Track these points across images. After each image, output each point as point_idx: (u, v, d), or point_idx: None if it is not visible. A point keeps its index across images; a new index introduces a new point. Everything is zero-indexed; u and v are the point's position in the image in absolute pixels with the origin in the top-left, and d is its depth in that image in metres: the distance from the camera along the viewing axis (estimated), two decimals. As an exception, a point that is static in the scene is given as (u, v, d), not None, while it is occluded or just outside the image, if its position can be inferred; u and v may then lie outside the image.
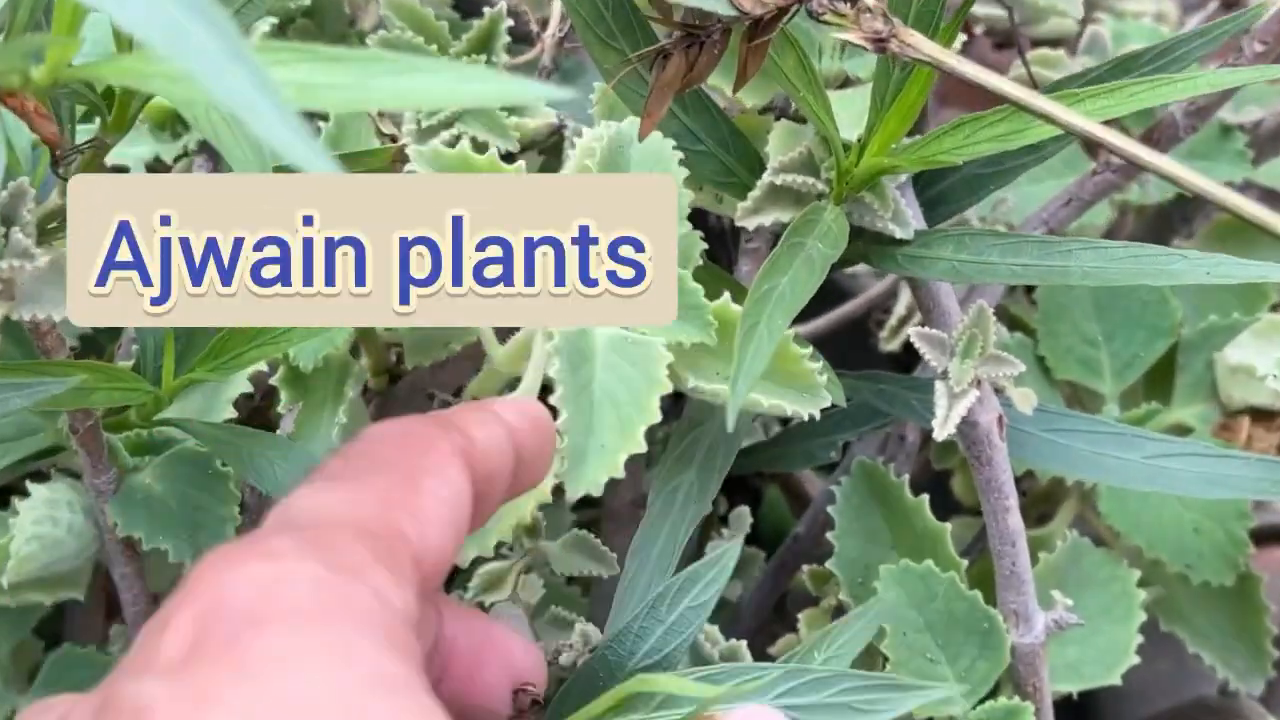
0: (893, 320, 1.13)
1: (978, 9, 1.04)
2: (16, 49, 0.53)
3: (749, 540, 1.09)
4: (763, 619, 1.04)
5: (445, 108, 0.70)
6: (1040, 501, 1.06)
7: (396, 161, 0.79)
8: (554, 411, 0.70)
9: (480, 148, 0.87)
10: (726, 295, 0.77)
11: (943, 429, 0.80)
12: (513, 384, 0.78)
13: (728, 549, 0.73)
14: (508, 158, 0.90)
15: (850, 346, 1.17)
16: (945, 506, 1.03)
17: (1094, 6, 1.12)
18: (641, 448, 0.71)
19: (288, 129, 0.44)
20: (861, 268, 1.21)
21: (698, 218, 0.95)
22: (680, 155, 0.78)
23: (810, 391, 0.77)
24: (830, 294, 1.20)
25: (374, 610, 0.52)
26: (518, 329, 0.78)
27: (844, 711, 0.67)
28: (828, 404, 0.77)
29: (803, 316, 1.15)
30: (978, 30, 1.13)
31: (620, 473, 0.71)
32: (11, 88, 0.57)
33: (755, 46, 0.68)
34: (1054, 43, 1.09)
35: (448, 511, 0.59)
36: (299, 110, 0.46)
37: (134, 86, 0.56)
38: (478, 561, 0.81)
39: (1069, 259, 0.77)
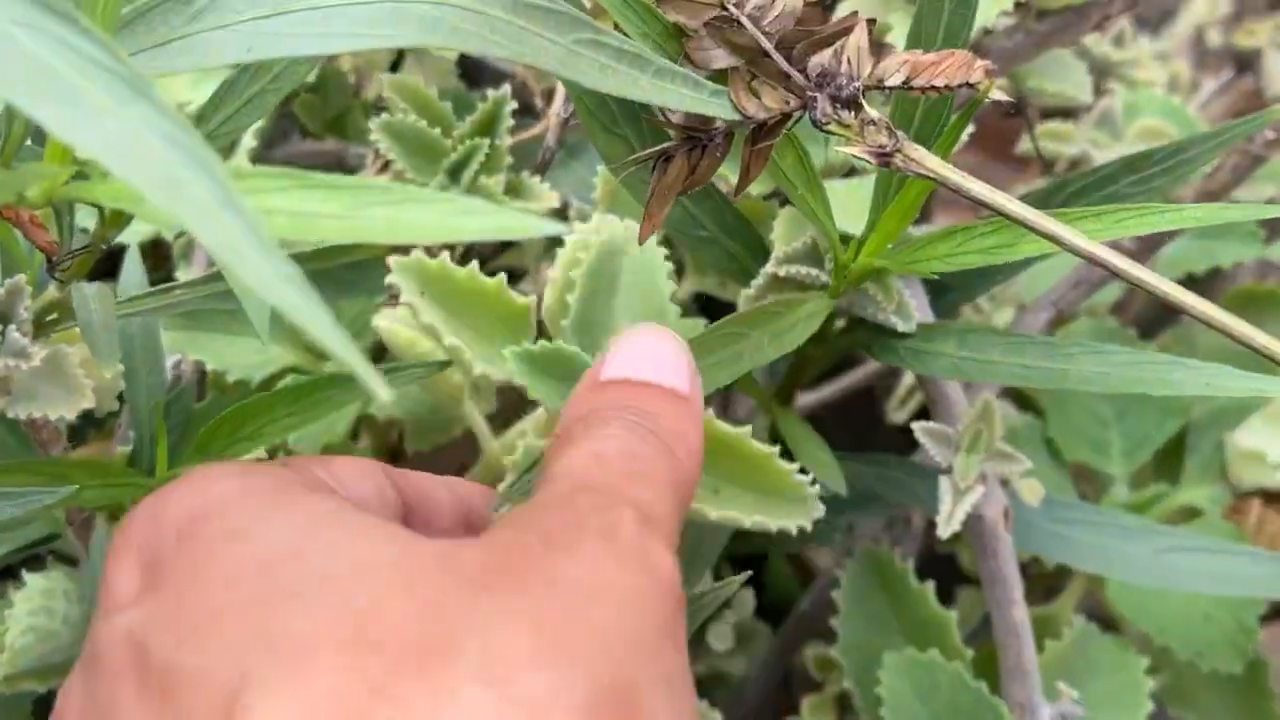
0: (900, 390, 1.13)
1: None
2: (10, 181, 0.53)
3: (755, 614, 1.10)
4: (766, 696, 1.03)
5: (444, 241, 0.71)
6: (1048, 578, 1.06)
7: (394, 251, 0.80)
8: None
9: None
10: (712, 415, 0.77)
11: (947, 526, 0.80)
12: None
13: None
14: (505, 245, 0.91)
15: (858, 414, 1.17)
16: (952, 580, 1.03)
17: (1105, 74, 1.12)
18: None
19: (278, 279, 0.44)
20: None
21: (701, 301, 0.96)
22: (669, 268, 0.79)
23: (799, 502, 0.77)
24: (839, 362, 1.21)
25: (292, 475, 0.57)
26: (511, 421, 0.79)
27: None
28: (818, 515, 0.77)
29: (810, 385, 1.19)
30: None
31: None
32: (8, 203, 0.58)
33: (758, 150, 0.68)
34: (1065, 113, 1.09)
35: None
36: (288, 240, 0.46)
37: (127, 210, 0.56)
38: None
39: (1070, 362, 0.76)
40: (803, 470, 0.77)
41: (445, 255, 0.76)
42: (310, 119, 0.96)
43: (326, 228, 0.52)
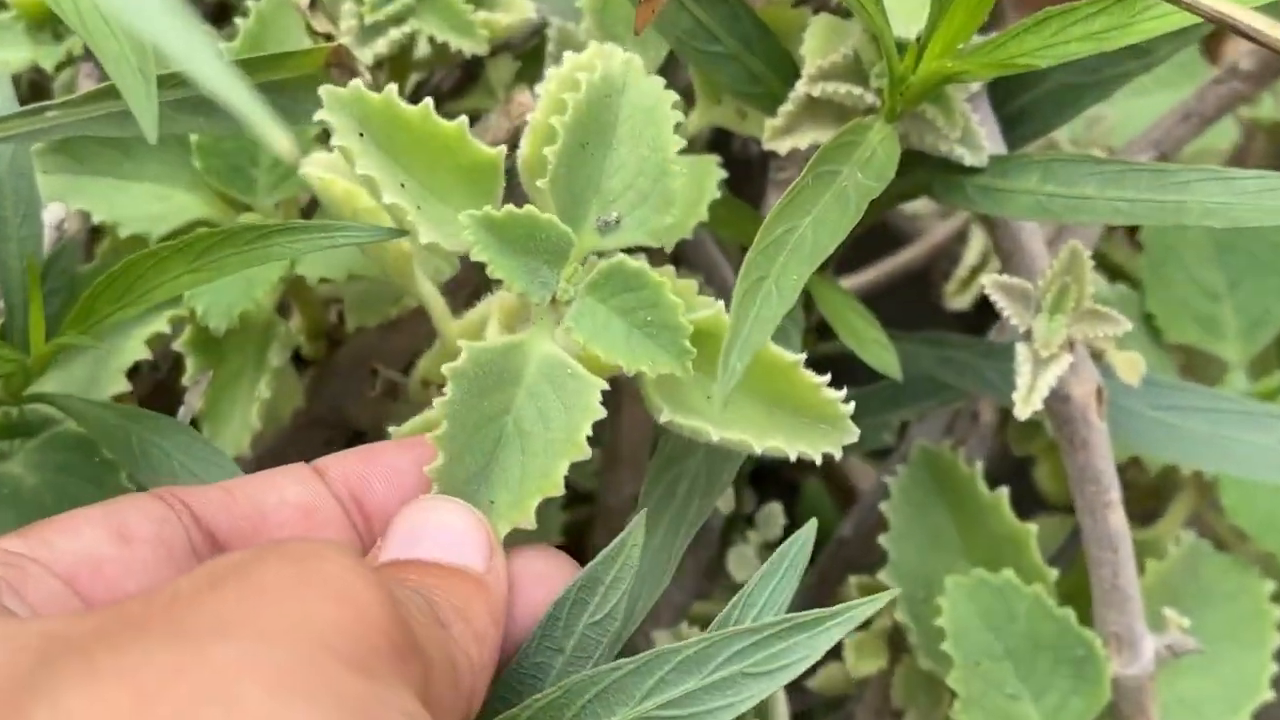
0: (962, 270, 1.10)
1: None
2: None
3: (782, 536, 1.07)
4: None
5: None
6: (1148, 496, 1.03)
7: (330, 66, 0.74)
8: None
9: (440, 50, 0.83)
10: (720, 306, 0.71)
11: (1026, 405, 0.76)
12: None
13: (624, 538, 0.68)
14: (474, 62, 0.86)
15: (910, 302, 1.14)
16: (1029, 502, 1.00)
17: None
18: (532, 523, 0.66)
19: (172, 22, 0.39)
20: (923, 204, 1.19)
21: (717, 140, 0.91)
22: (679, 116, 0.73)
23: (829, 421, 0.71)
24: (884, 237, 1.18)
25: None
26: (473, 299, 0.74)
27: (740, 683, 0.64)
28: (854, 438, 0.71)
29: (848, 266, 1.15)
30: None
31: (498, 535, 0.66)
32: None
33: (783, -87, 0.63)
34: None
35: None
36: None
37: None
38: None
39: (1185, 192, 0.72)
40: (835, 383, 0.71)
41: (392, 88, 0.70)
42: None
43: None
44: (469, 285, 0.83)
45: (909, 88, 0.73)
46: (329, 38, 0.80)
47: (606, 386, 0.67)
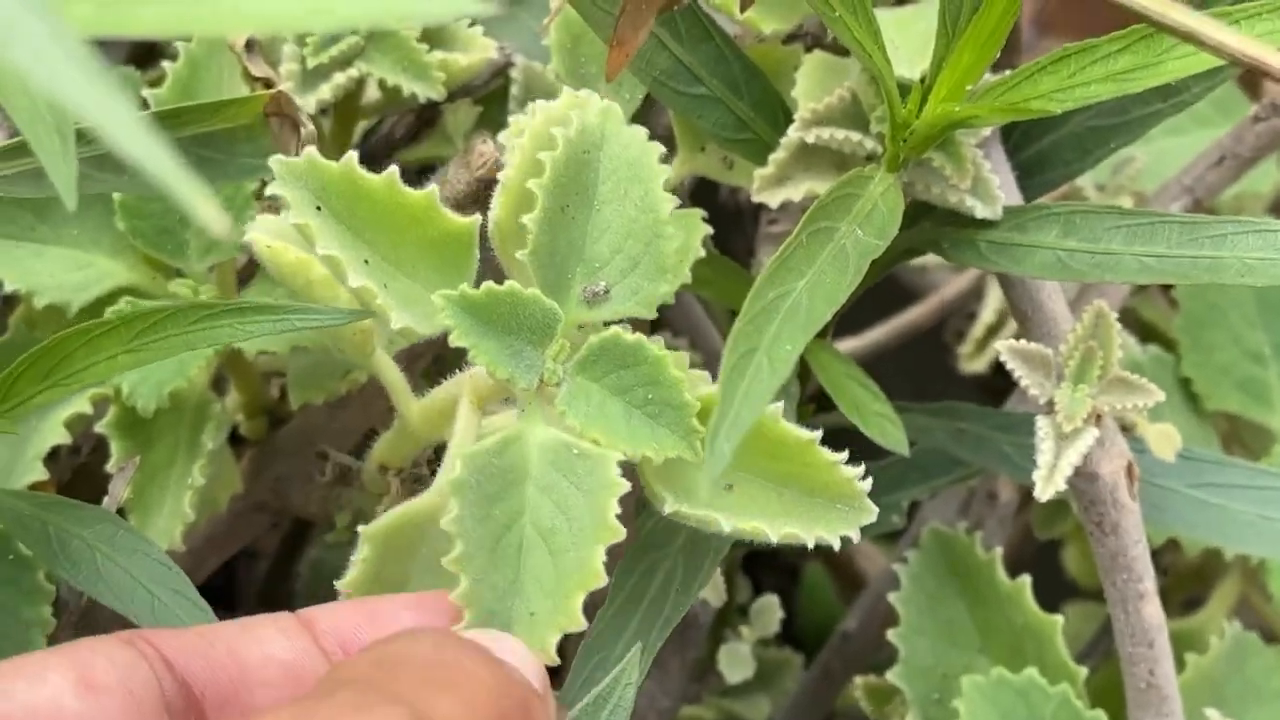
0: (978, 329, 1.11)
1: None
2: None
3: (781, 638, 1.07)
4: (802, 748, 1.01)
5: (314, 30, 0.66)
6: (1189, 581, 1.04)
7: (270, 115, 0.75)
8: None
9: (391, 94, 0.84)
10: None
11: (1048, 485, 0.77)
12: (437, 451, 0.75)
13: (618, 675, 0.69)
14: (430, 107, 0.87)
15: (920, 365, 1.15)
16: (1055, 590, 1.01)
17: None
18: (580, 624, 0.67)
19: (56, 52, 0.40)
20: (932, 258, 1.20)
21: (700, 188, 0.92)
22: (667, 171, 0.74)
23: (846, 501, 0.72)
24: (891, 293, 1.18)
25: None
26: (436, 372, 0.75)
27: None
28: (871, 518, 0.72)
29: (851, 326, 1.16)
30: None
31: (552, 659, 0.66)
32: None
33: (770, -55, 0.65)
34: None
35: None
36: (99, 37, 0.43)
37: None
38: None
39: (1222, 247, 0.73)
40: (852, 459, 0.72)
41: (352, 156, 0.71)
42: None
43: (145, 18, 0.48)
44: (428, 355, 0.85)
45: (913, 134, 0.75)
46: (268, 84, 0.82)
47: (622, 457, 0.68)
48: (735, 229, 0.93)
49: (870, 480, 0.71)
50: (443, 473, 0.70)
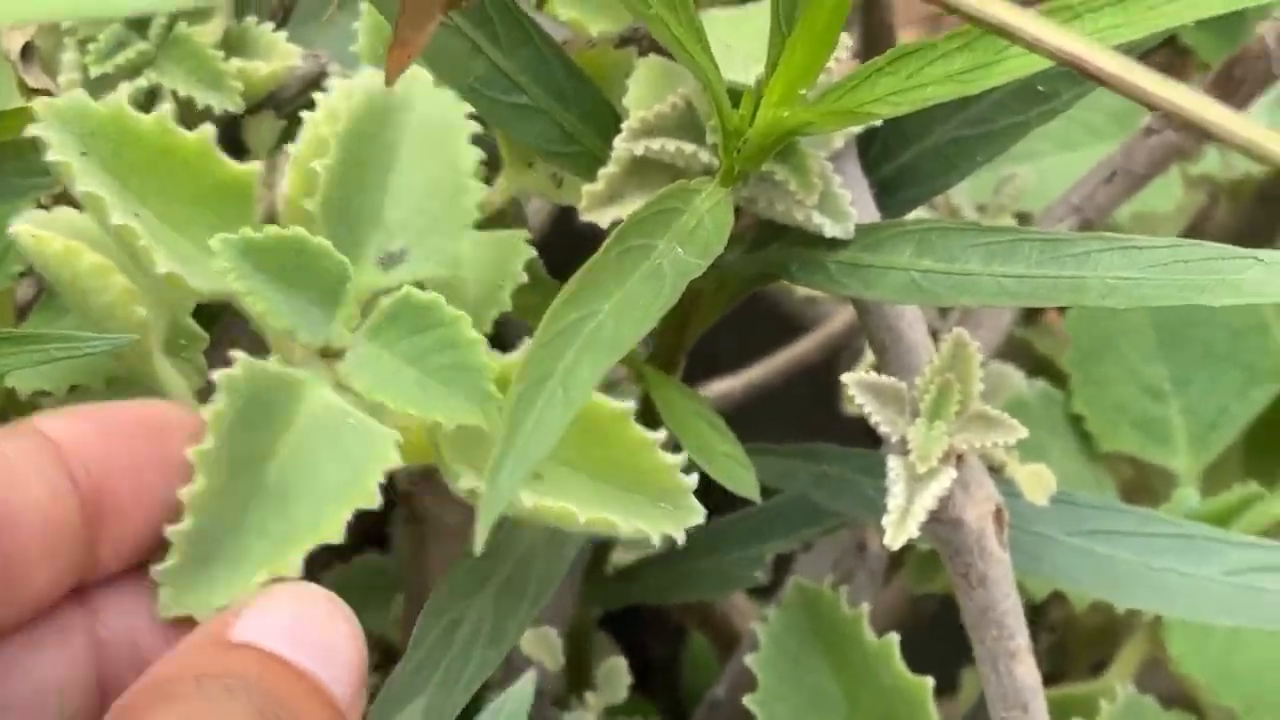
0: (864, 365, 1.11)
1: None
2: None
3: (666, 708, 1.07)
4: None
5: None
6: (1093, 641, 1.04)
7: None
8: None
9: (185, 106, 0.84)
10: (526, 343, 0.73)
11: (899, 531, 0.77)
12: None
13: None
14: (231, 121, 0.87)
15: (809, 403, 1.15)
16: (952, 652, 0.99)
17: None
18: (289, 569, 0.68)
19: None
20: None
21: (564, 215, 0.93)
22: (475, 128, 0.75)
23: (671, 497, 0.74)
24: (777, 327, 1.19)
25: None
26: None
27: None
28: (699, 519, 0.74)
29: (731, 363, 1.16)
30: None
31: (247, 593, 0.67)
32: None
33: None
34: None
35: None
36: None
37: None
38: None
39: (1084, 266, 0.73)
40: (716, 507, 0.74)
41: (122, 95, 0.72)
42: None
43: None
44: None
45: (747, 143, 0.75)
46: (48, 95, 0.82)
47: (399, 437, 0.69)
48: (581, 250, 0.93)
49: (695, 476, 0.73)
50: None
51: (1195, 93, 0.59)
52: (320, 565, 1.03)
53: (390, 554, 1.10)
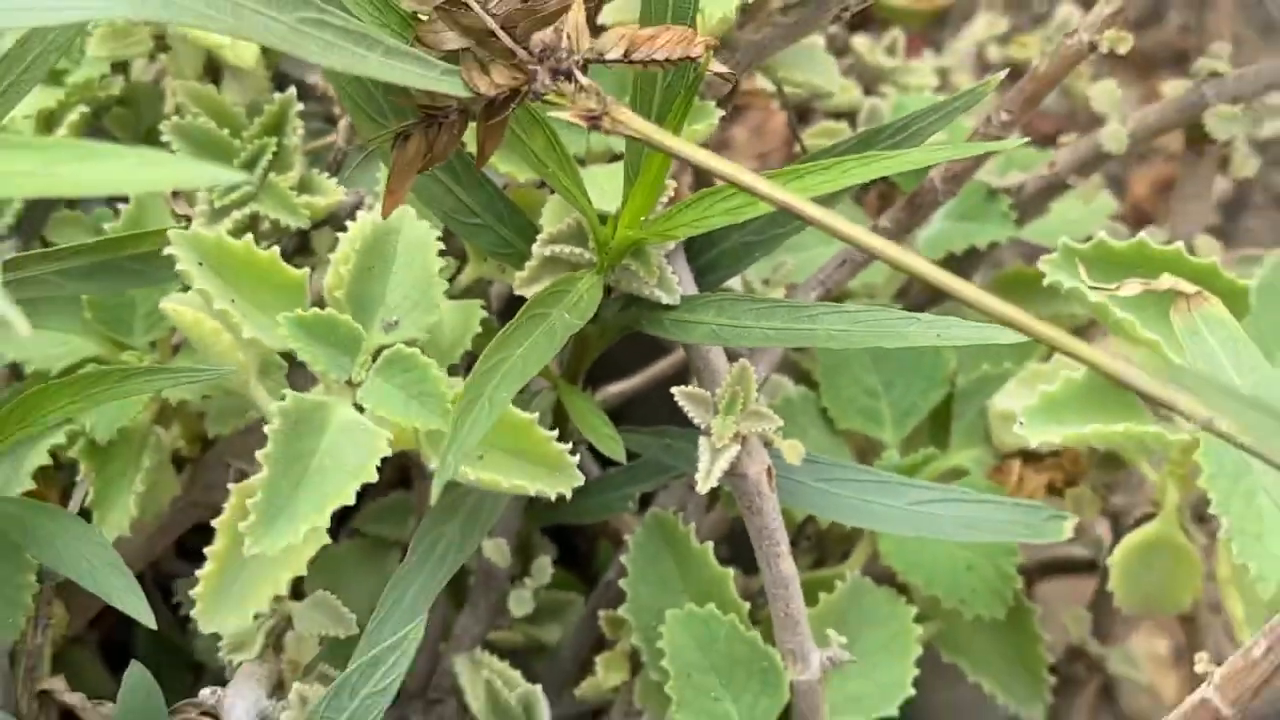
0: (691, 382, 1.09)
1: (765, 84, 1.01)
2: None
3: (575, 588, 1.06)
4: (581, 660, 0.99)
5: (127, 191, 0.67)
6: (841, 541, 1.01)
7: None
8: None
9: (274, 225, 0.83)
10: None
11: (705, 482, 0.77)
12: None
13: (408, 632, 0.69)
14: (303, 234, 0.87)
15: (665, 400, 1.13)
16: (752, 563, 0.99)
17: (879, 80, 1.10)
18: (325, 522, 0.69)
19: None
20: None
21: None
22: (441, 243, 0.76)
23: (558, 470, 0.74)
24: (651, 352, 1.17)
25: None
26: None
27: None
28: (579, 483, 0.75)
29: (620, 373, 1.15)
30: (774, 105, 1.10)
31: (299, 538, 0.68)
32: None
33: (492, 126, 0.64)
34: (839, 115, 1.06)
35: None
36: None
37: None
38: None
39: (815, 323, 0.74)
40: (563, 439, 0.73)
41: (221, 229, 0.72)
42: (122, 132, 0.91)
43: (20, 185, 0.48)
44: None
45: (611, 249, 0.75)
46: (187, 220, 0.81)
47: (390, 434, 0.70)
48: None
49: (577, 456, 0.74)
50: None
51: (855, 226, 0.59)
52: (370, 497, 1.03)
53: (412, 491, 1.07)
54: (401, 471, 1.09)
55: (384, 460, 0.71)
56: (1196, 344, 0.62)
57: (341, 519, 0.91)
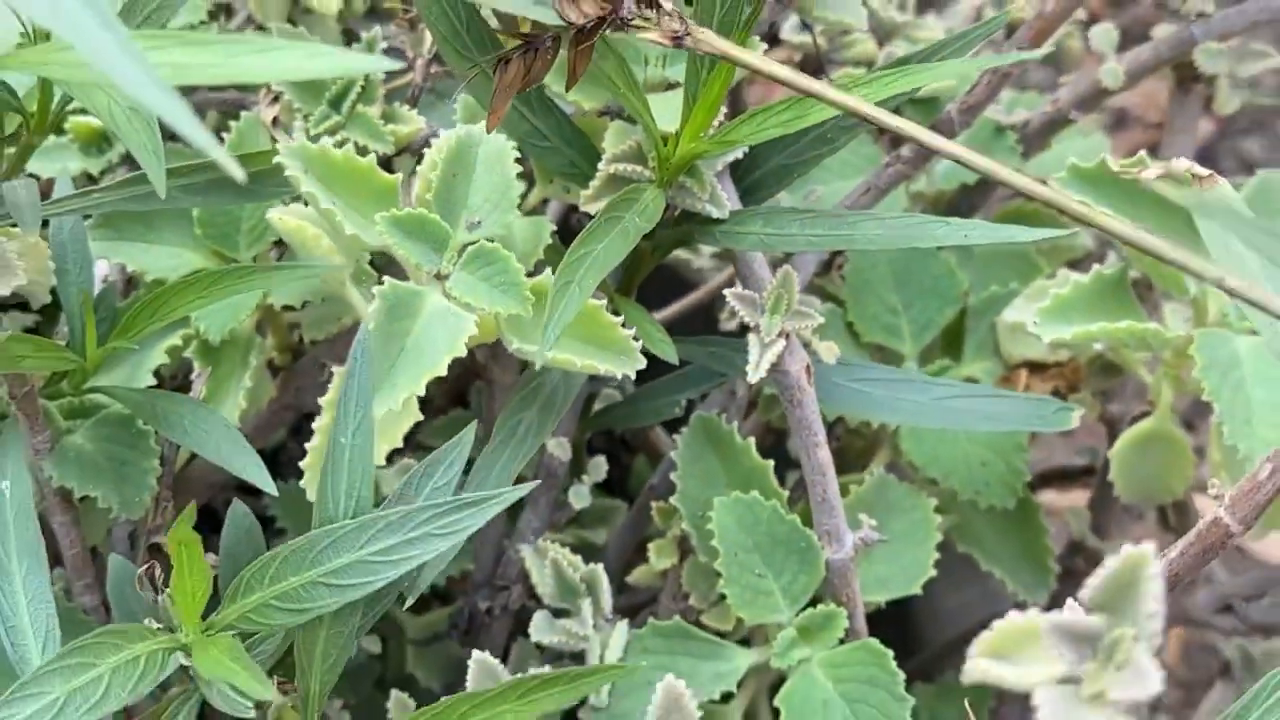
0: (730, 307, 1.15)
1: (791, 35, 1.08)
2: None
3: (618, 496, 1.12)
4: (626, 559, 1.05)
5: (298, 77, 0.73)
6: (860, 455, 1.07)
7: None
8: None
9: (362, 152, 0.89)
10: (548, 271, 0.79)
11: (755, 372, 0.83)
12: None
13: (459, 439, 0.76)
14: (387, 159, 0.93)
15: (699, 330, 1.18)
16: (784, 464, 1.03)
17: (891, 34, 1.16)
18: (420, 391, 0.75)
19: (149, 83, 0.46)
20: (707, 263, 1.26)
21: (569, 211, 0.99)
22: (517, 154, 0.82)
23: (624, 354, 0.80)
24: (679, 285, 1.23)
25: None
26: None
27: (428, 540, 0.70)
28: (641, 365, 0.80)
29: (656, 305, 1.21)
30: (796, 58, 1.17)
31: (398, 406, 0.74)
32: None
33: (581, 50, 0.71)
34: (858, 64, 1.13)
35: None
36: (174, 86, 0.48)
37: (36, 73, 0.58)
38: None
39: (855, 228, 0.80)
40: (626, 326, 0.80)
41: (320, 137, 0.78)
42: (215, 74, 0.97)
43: (204, 74, 0.55)
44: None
45: (670, 165, 0.81)
46: (287, 145, 0.87)
47: (476, 318, 0.76)
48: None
49: (640, 342, 0.80)
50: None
51: (918, 127, 0.66)
52: (432, 414, 1.08)
53: (469, 409, 1.12)
54: (458, 393, 1.15)
55: (442, 380, 0.78)
56: (1206, 222, 0.69)
57: (409, 435, 0.96)
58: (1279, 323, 0.54)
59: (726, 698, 0.92)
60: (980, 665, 0.54)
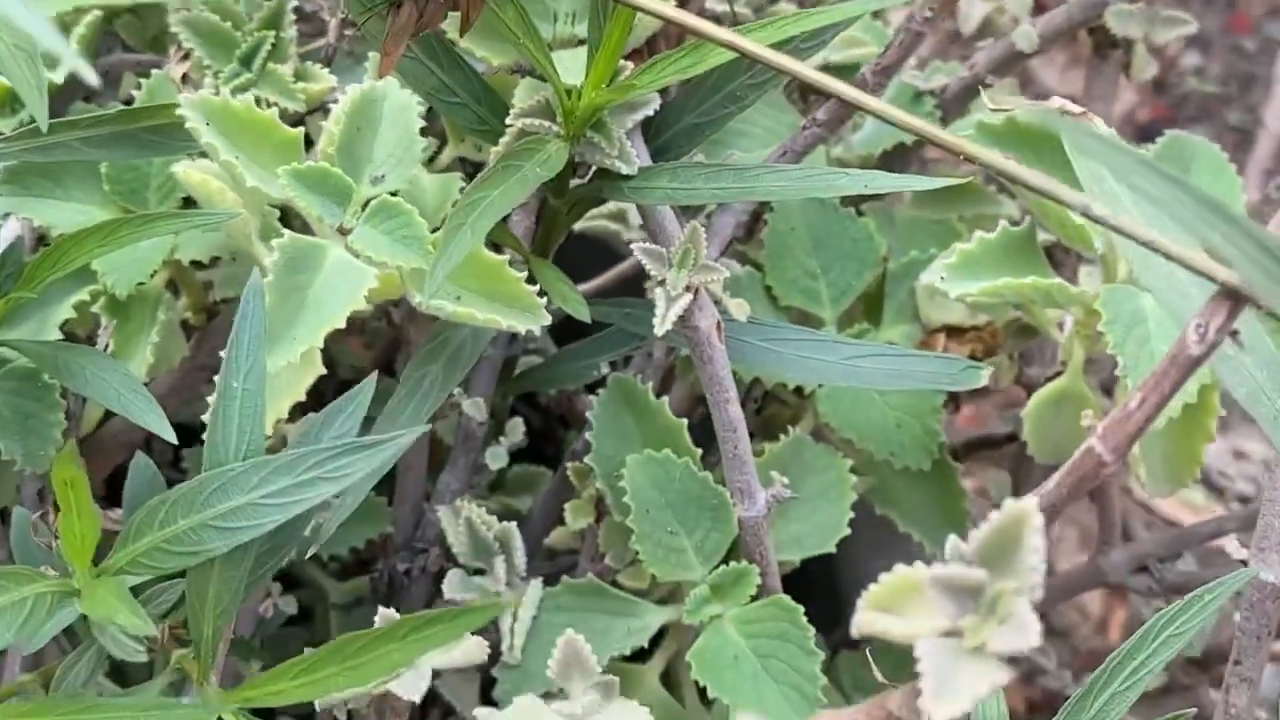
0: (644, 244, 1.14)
1: (714, 4, 1.07)
2: None
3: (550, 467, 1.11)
4: (550, 525, 1.04)
5: None
6: (789, 422, 1.06)
7: (191, 117, 0.80)
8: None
9: (270, 107, 0.88)
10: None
11: (661, 326, 0.82)
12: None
13: (359, 389, 0.76)
14: (298, 117, 0.92)
15: (625, 289, 1.17)
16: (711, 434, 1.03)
17: (819, 3, 1.15)
18: (318, 343, 0.74)
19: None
20: (638, 234, 1.25)
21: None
22: (423, 109, 0.80)
23: (528, 310, 0.79)
24: (610, 258, 1.23)
25: None
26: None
27: (317, 484, 0.69)
28: (546, 322, 0.80)
29: (585, 277, 1.20)
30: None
31: (296, 359, 0.73)
32: None
33: (473, -3, 0.70)
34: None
35: None
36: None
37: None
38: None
39: (757, 181, 0.79)
40: (532, 281, 0.79)
41: (226, 92, 0.77)
42: (132, 37, 0.96)
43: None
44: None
45: (576, 117, 0.80)
46: (196, 101, 0.86)
47: (377, 272, 0.75)
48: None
49: (545, 298, 0.79)
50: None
51: (824, 75, 0.65)
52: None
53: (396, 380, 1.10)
54: (387, 363, 1.14)
55: (368, 347, 0.77)
56: (1080, 157, 0.68)
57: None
58: (1150, 253, 0.54)
59: (642, 655, 0.92)
60: (868, 618, 0.54)
